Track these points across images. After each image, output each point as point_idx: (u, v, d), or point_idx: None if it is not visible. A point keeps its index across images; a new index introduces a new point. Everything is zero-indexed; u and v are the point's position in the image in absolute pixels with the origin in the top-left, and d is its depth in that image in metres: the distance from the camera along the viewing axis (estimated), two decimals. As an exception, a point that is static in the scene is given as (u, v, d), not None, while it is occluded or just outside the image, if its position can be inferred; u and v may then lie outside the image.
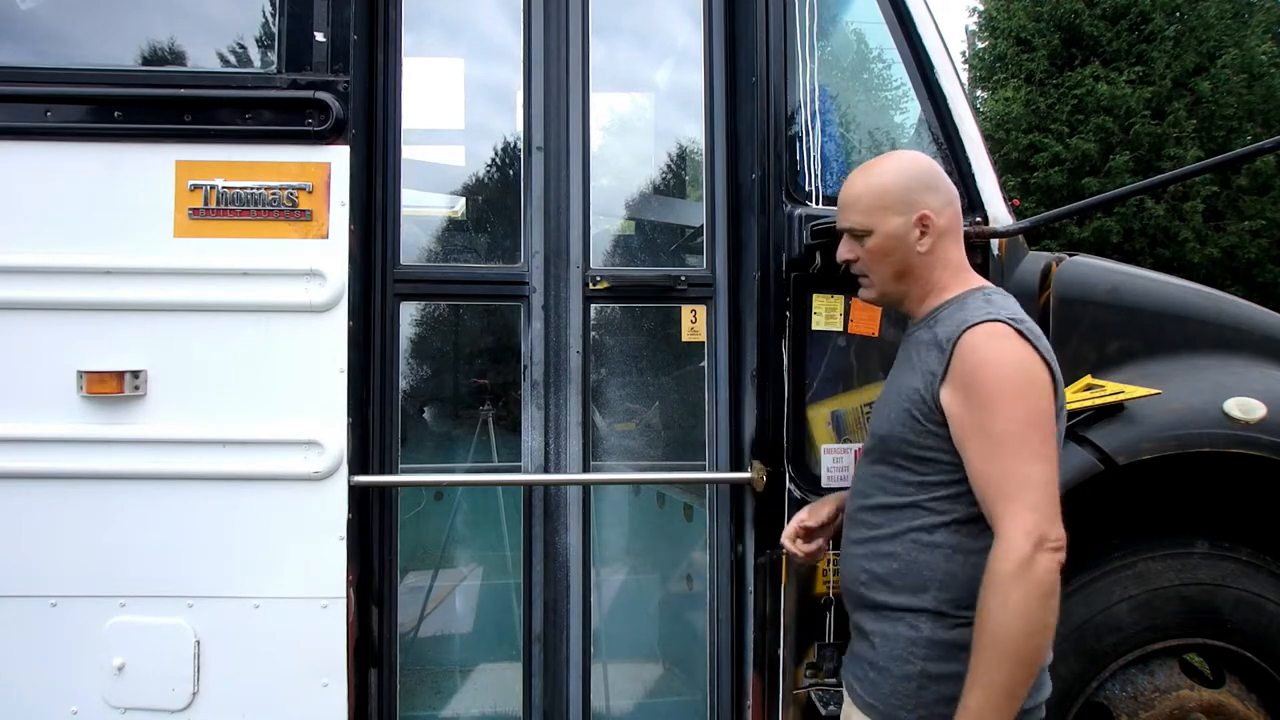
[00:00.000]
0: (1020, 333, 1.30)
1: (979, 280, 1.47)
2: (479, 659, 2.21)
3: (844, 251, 1.50)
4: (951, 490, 1.35)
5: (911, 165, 1.47)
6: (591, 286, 2.00)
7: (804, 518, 1.63)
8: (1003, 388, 1.26)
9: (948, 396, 1.31)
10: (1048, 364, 1.30)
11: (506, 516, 2.28)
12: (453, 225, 2.39)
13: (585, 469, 2.00)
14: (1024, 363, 1.28)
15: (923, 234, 1.42)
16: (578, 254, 2.01)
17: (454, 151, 2.44)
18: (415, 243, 2.08)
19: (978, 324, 1.30)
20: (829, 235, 1.77)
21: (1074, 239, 12.31)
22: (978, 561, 1.29)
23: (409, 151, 2.01)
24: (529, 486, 1.99)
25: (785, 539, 1.62)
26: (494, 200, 2.28)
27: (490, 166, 2.30)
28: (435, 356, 2.17)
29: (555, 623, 1.98)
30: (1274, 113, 12.71)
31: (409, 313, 2.01)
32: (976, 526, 1.32)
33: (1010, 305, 1.38)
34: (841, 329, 1.90)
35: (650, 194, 2.35)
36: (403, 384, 1.98)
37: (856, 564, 1.45)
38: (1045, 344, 1.32)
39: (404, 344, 1.99)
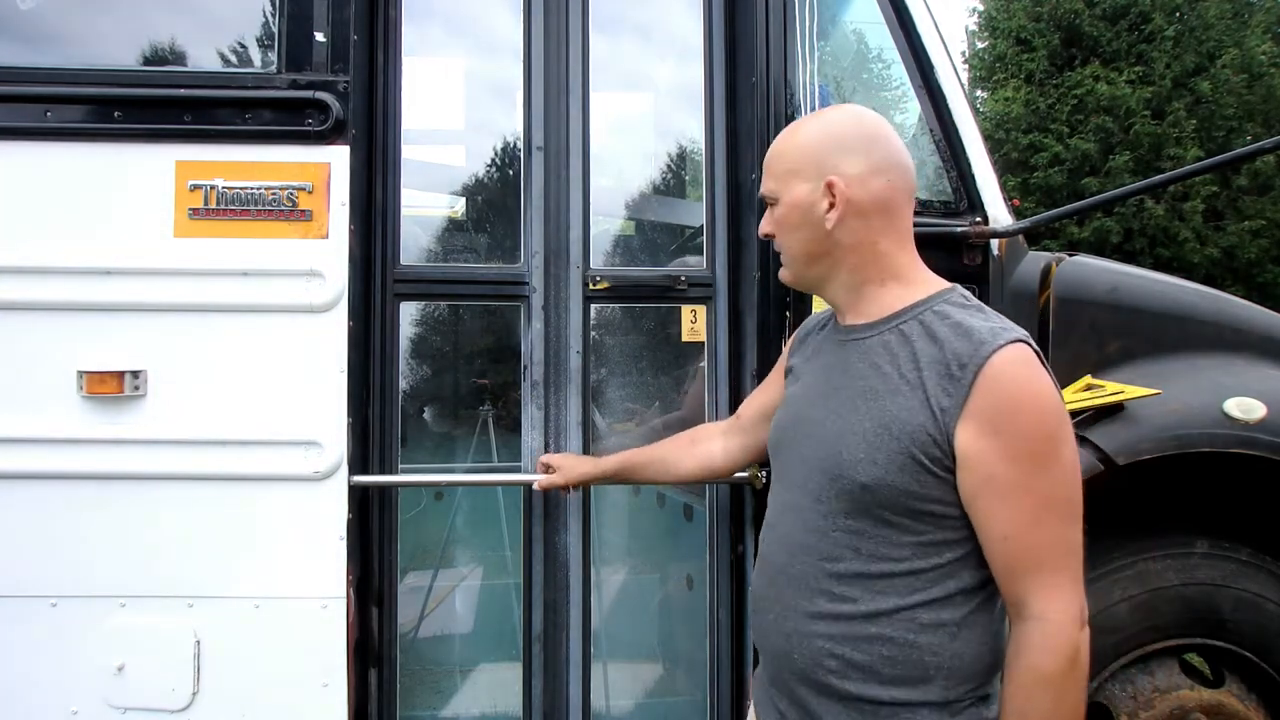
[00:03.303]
0: (1038, 354, 1.08)
1: (940, 279, 1.22)
2: (479, 659, 2.21)
3: (763, 224, 1.28)
4: (959, 553, 1.09)
5: (835, 124, 1.20)
6: (591, 286, 2.00)
7: (555, 464, 1.79)
8: (1046, 432, 1.04)
9: (968, 438, 1.04)
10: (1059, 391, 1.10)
11: (506, 516, 2.28)
12: (453, 225, 2.39)
13: (585, 469, 2.00)
14: (1058, 398, 1.06)
15: (830, 206, 1.16)
16: (578, 254, 2.01)
17: (454, 151, 2.44)
18: (415, 243, 2.08)
19: (1002, 346, 1.05)
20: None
21: (1074, 239, 12.31)
22: (985, 632, 1.10)
23: (409, 151, 2.01)
24: (529, 486, 1.99)
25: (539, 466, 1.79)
26: (494, 200, 2.28)
27: (490, 166, 2.30)
28: (435, 356, 2.17)
29: (555, 623, 1.98)
30: (1274, 113, 12.72)
31: (409, 313, 2.01)
32: (984, 592, 1.11)
33: (998, 314, 1.15)
34: (841, 329, 1.89)
35: (650, 194, 2.35)
36: (403, 384, 1.98)
37: (817, 646, 1.14)
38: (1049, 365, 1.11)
39: (404, 344, 1.99)
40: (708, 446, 1.67)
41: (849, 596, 1.13)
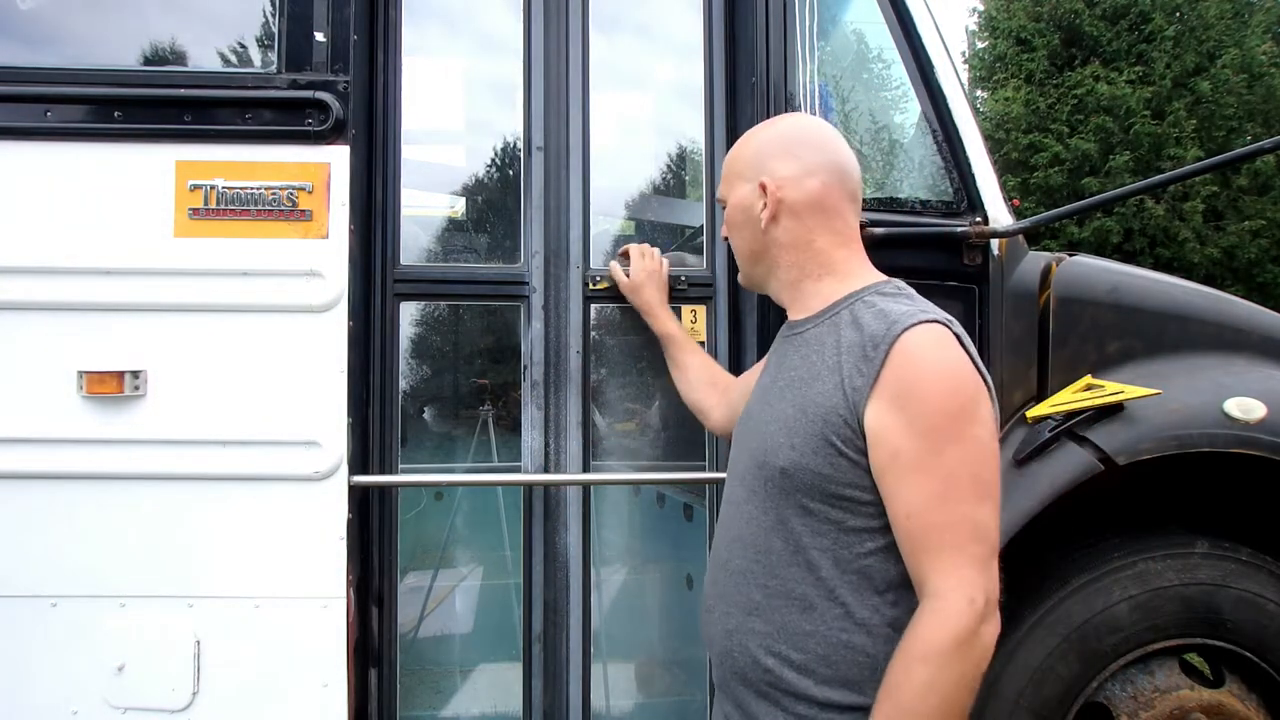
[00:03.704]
0: (959, 338, 1.09)
1: (878, 273, 1.25)
2: (479, 659, 2.21)
3: (723, 228, 1.34)
4: (879, 542, 1.08)
5: (777, 130, 1.27)
6: (591, 286, 2.00)
7: (636, 276, 1.85)
8: (953, 408, 1.03)
9: (875, 415, 1.05)
10: (985, 377, 1.10)
11: (506, 516, 2.28)
12: (453, 225, 2.38)
13: (585, 469, 2.00)
14: (972, 377, 1.07)
15: (764, 206, 1.22)
16: (578, 254, 2.01)
17: (454, 151, 2.44)
18: (415, 243, 2.08)
19: (915, 325, 1.06)
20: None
21: (1074, 239, 12.32)
22: None
23: (409, 151, 2.01)
24: (529, 486, 1.99)
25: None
26: (494, 200, 2.28)
27: (490, 166, 2.29)
28: (435, 356, 2.17)
29: (555, 623, 1.98)
30: (1274, 113, 12.73)
31: (409, 313, 2.01)
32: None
33: (930, 303, 1.15)
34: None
35: (650, 194, 2.35)
36: (403, 384, 1.98)
37: (755, 644, 1.14)
38: (975, 351, 1.11)
39: (404, 344, 1.99)
40: (716, 399, 1.72)
41: (780, 590, 1.12)
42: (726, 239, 1.33)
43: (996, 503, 1.05)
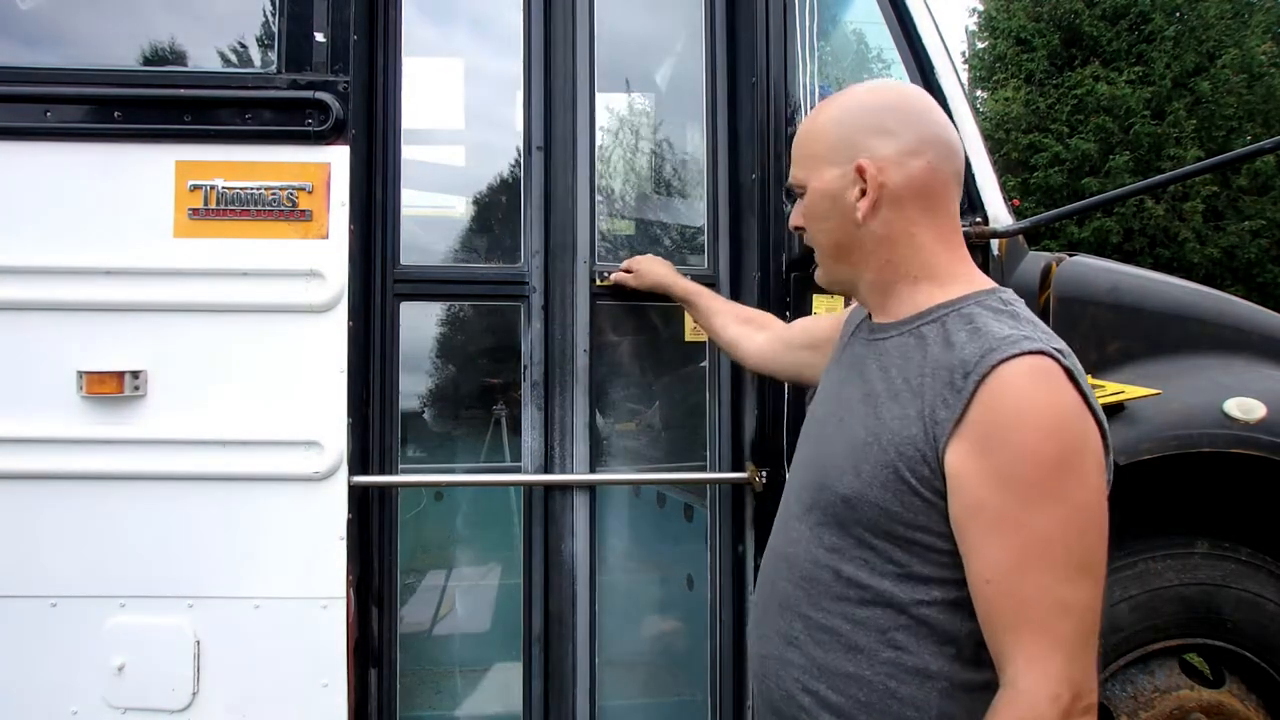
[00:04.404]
0: (1069, 372, 0.90)
1: (985, 278, 1.05)
2: (479, 659, 2.21)
3: (792, 216, 1.14)
4: (949, 595, 0.93)
5: (866, 99, 1.05)
6: (599, 282, 2.00)
7: (634, 267, 1.87)
8: (1050, 459, 0.86)
9: (958, 456, 0.89)
10: (1101, 423, 0.91)
11: (507, 517, 2.28)
12: (453, 225, 2.38)
13: (592, 470, 2.00)
14: (1079, 422, 0.88)
15: (862, 193, 1.01)
16: (585, 249, 2.01)
17: (454, 151, 2.44)
18: (415, 243, 2.08)
19: (1016, 356, 0.88)
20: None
21: (1074, 239, 12.31)
22: (989, 702, 0.89)
23: (409, 151, 2.01)
24: (529, 487, 1.99)
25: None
26: (494, 200, 2.28)
27: (490, 166, 2.29)
28: (435, 356, 2.17)
29: (555, 623, 1.97)
30: (1274, 113, 12.72)
31: (409, 313, 2.01)
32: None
33: (1041, 324, 0.97)
34: (841, 329, 1.89)
35: (650, 193, 2.35)
36: (403, 384, 1.98)
37: (791, 677, 1.02)
38: (1090, 387, 0.92)
39: (404, 344, 1.99)
40: (752, 331, 1.68)
41: (826, 625, 0.99)
42: (799, 230, 1.12)
43: (1099, 580, 0.88)
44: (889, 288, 1.06)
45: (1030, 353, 0.88)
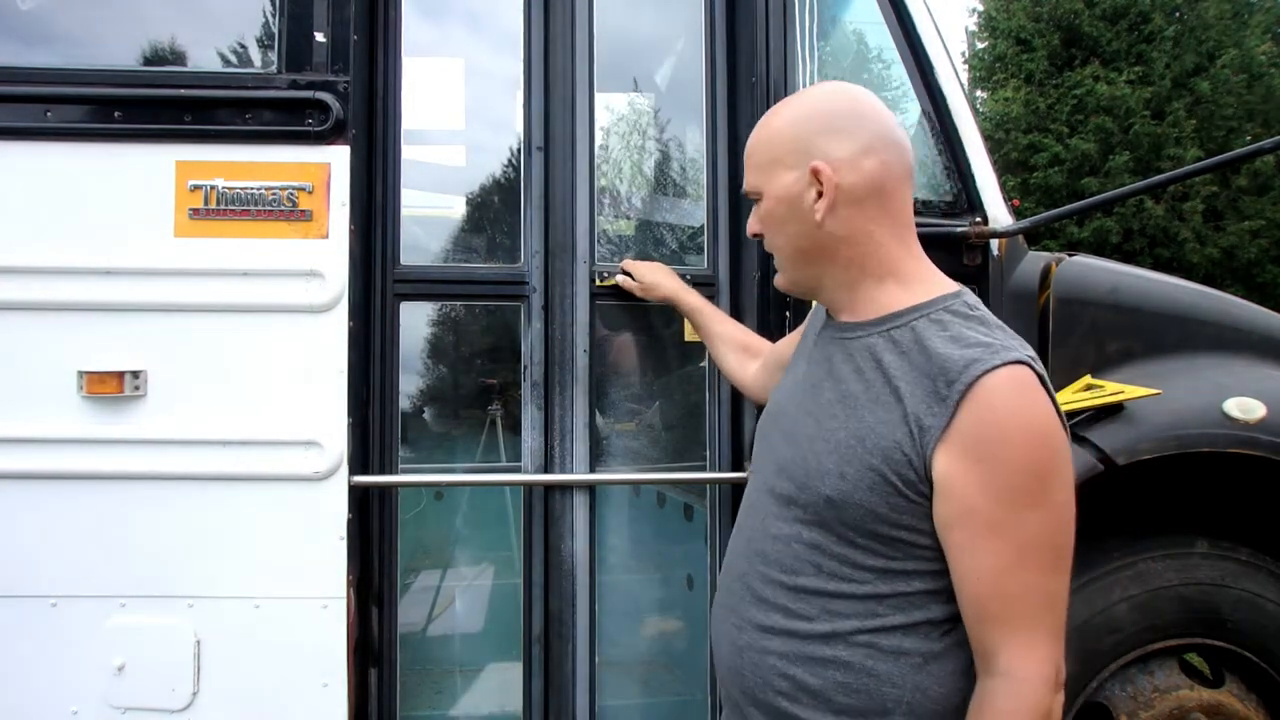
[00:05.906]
0: (1041, 379, 0.96)
1: (944, 278, 1.10)
2: (480, 659, 2.21)
3: (749, 223, 1.15)
4: (929, 585, 0.99)
5: (818, 101, 1.07)
6: (599, 282, 2.00)
7: (639, 274, 1.87)
8: (1039, 468, 0.92)
9: (947, 463, 0.93)
10: (1063, 419, 0.98)
11: (507, 517, 2.28)
12: (453, 225, 2.38)
13: (592, 470, 2.00)
14: (1059, 431, 0.95)
15: (819, 195, 1.03)
16: (584, 249, 2.01)
17: (454, 151, 2.44)
18: (415, 243, 2.08)
19: (998, 367, 0.93)
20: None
21: (1074, 239, 12.32)
22: (957, 670, 0.99)
23: (409, 151, 2.01)
24: (529, 487, 1.99)
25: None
26: (494, 200, 2.28)
27: (490, 166, 2.29)
28: (435, 356, 2.17)
29: (555, 622, 1.98)
30: (1274, 113, 12.73)
31: (409, 313, 2.01)
32: (960, 627, 0.99)
33: (1007, 328, 1.04)
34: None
35: (650, 193, 2.35)
36: (403, 384, 1.98)
37: (769, 664, 1.05)
38: (1054, 394, 0.99)
39: (404, 344, 1.99)
40: (746, 360, 1.71)
41: (805, 614, 1.03)
42: (756, 236, 1.14)
43: (1069, 569, 0.96)
44: (854, 285, 1.09)
45: (1009, 364, 0.94)
